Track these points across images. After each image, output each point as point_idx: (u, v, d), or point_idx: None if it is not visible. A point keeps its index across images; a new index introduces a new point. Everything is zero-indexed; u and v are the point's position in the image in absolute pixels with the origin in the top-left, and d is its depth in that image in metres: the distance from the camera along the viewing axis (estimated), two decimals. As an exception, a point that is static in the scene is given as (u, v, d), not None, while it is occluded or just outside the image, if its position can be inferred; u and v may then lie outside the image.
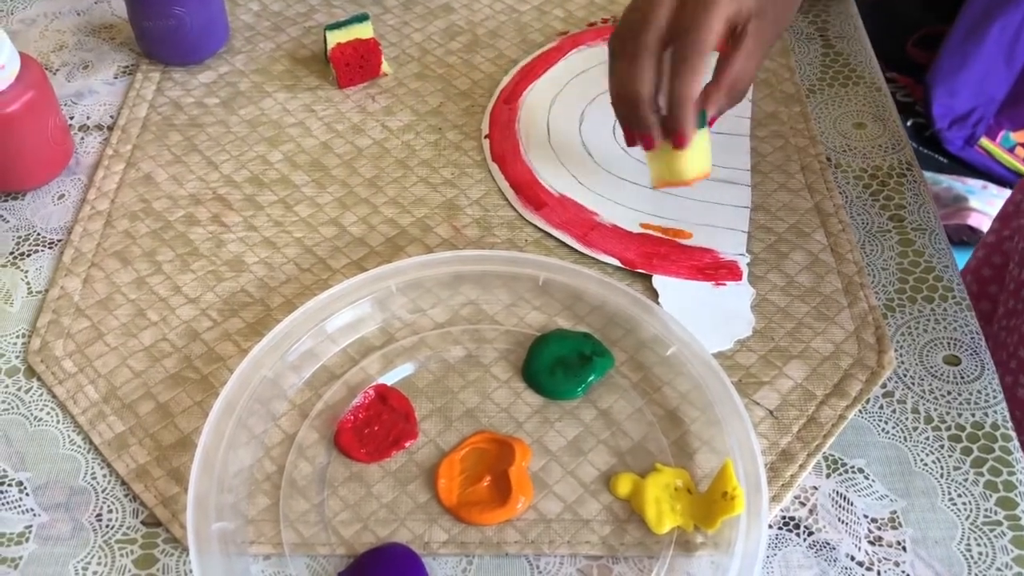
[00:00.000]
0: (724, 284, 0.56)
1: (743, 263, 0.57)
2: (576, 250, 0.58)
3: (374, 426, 0.51)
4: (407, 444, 0.50)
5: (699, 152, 0.54)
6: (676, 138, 0.52)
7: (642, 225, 0.59)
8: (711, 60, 0.51)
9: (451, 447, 0.50)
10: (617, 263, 0.57)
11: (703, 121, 0.52)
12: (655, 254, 0.57)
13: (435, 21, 0.75)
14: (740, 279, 0.56)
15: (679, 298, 0.55)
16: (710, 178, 0.60)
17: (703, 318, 0.54)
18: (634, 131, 0.54)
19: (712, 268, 0.57)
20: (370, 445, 0.50)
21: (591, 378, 0.52)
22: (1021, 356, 0.70)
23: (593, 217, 0.59)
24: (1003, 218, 0.80)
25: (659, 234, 0.59)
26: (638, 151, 0.63)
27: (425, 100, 0.68)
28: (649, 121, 0.52)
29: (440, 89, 0.69)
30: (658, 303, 0.55)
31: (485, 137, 0.65)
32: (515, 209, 0.61)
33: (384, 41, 0.72)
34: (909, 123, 1.59)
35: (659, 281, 0.56)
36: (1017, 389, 0.67)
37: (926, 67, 1.66)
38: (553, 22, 0.75)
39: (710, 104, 0.52)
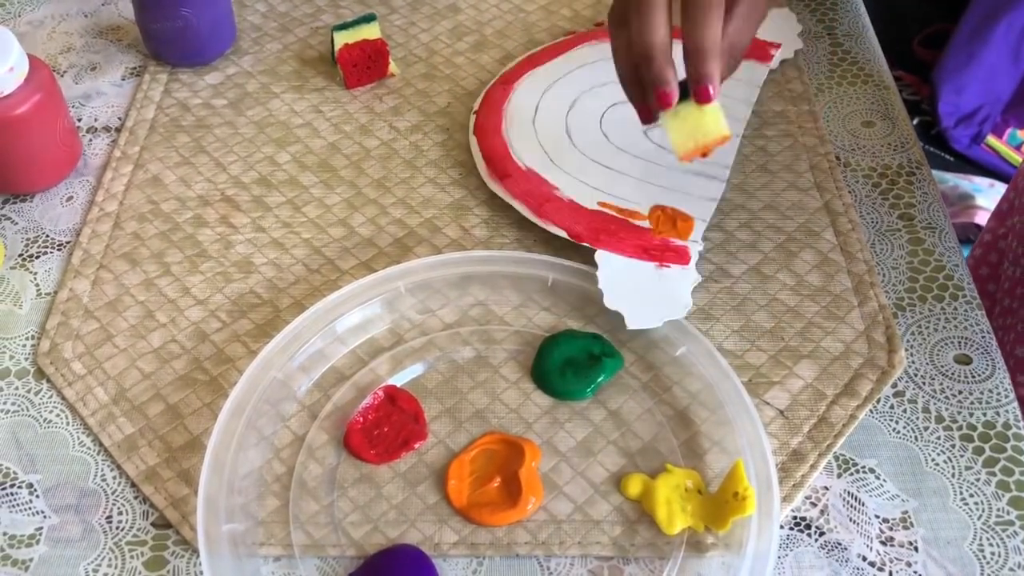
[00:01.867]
0: (668, 266, 0.56)
1: (695, 250, 0.57)
2: (531, 222, 0.58)
3: (383, 427, 0.50)
4: (416, 445, 0.50)
5: (718, 112, 0.51)
6: (702, 92, 0.48)
7: (600, 203, 0.59)
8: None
9: (461, 448, 0.50)
10: (564, 235, 0.57)
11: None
12: (604, 230, 0.57)
13: (442, 21, 0.75)
14: (687, 263, 0.56)
15: (616, 274, 0.55)
16: (683, 169, 0.60)
17: (636, 296, 0.54)
18: (650, 93, 0.49)
19: (659, 250, 0.56)
20: (379, 446, 0.50)
21: (600, 379, 0.52)
22: (1018, 355, 0.70)
23: (552, 191, 0.59)
24: (998, 216, 0.80)
25: (614, 213, 0.58)
26: (618, 138, 0.63)
27: (433, 100, 0.68)
28: (667, 74, 0.48)
29: (447, 89, 0.69)
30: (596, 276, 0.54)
31: (473, 112, 0.65)
32: (483, 180, 0.61)
33: (391, 41, 0.72)
34: (915, 121, 1.59)
35: (601, 256, 0.56)
36: (1016, 388, 0.67)
37: (932, 65, 1.65)
38: (560, 22, 0.74)
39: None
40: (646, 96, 0.50)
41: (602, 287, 0.54)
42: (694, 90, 0.49)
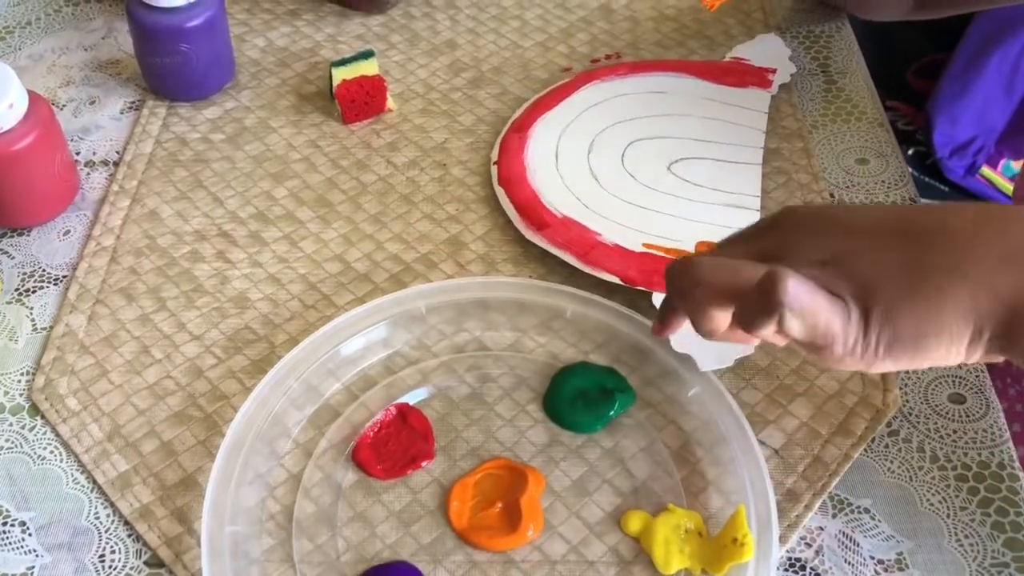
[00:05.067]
0: None
1: None
2: (577, 269, 0.58)
3: (391, 444, 0.51)
4: (423, 464, 0.50)
5: None
6: None
7: (644, 245, 0.59)
8: None
9: (466, 471, 0.50)
10: (618, 281, 0.57)
11: None
12: (656, 271, 0.57)
13: (440, 57, 0.75)
14: None
15: None
16: (713, 201, 0.61)
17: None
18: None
19: None
20: (387, 462, 0.50)
21: (611, 413, 0.52)
22: (1012, 395, 0.70)
23: (595, 237, 0.59)
24: None
25: (662, 254, 0.58)
26: (644, 176, 0.63)
27: (430, 136, 0.69)
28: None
29: (444, 125, 0.70)
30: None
31: (494, 164, 0.65)
32: (519, 231, 0.61)
33: (389, 77, 0.73)
34: (910, 152, 1.60)
35: (660, 299, 0.56)
36: (1010, 426, 0.67)
37: (926, 96, 1.67)
38: (557, 58, 0.75)
39: None
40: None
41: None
42: None
